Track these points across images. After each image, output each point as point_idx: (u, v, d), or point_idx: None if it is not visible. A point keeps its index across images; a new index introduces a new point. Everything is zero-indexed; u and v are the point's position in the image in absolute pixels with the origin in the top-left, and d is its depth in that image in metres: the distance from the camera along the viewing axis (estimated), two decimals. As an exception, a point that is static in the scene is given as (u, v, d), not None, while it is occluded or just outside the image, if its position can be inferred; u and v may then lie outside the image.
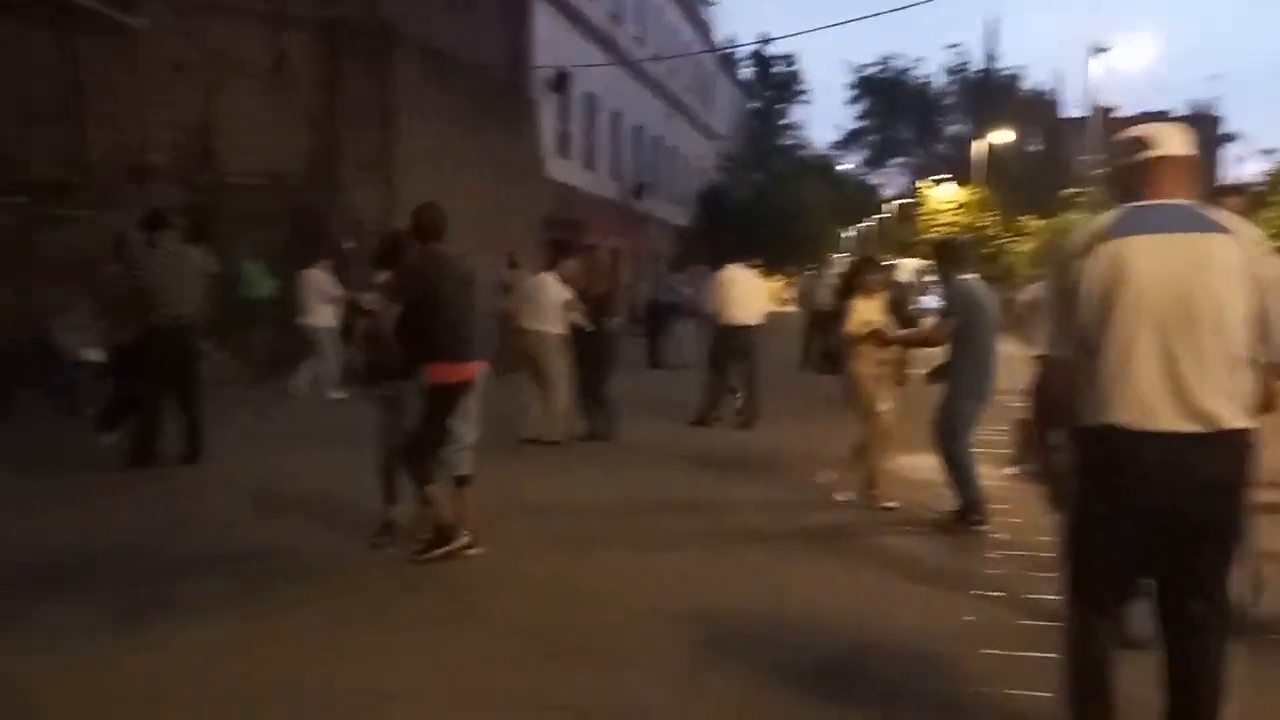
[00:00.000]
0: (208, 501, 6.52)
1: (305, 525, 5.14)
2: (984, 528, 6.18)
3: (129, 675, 3.77)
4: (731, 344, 10.38)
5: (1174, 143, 2.95)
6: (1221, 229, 2.78)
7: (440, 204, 5.44)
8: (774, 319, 11.53)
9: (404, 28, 16.06)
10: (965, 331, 6.09)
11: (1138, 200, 2.92)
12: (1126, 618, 3.19)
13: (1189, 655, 2.88)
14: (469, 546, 5.31)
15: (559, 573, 5.15)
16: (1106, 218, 2.94)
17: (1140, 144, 2.97)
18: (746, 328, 10.41)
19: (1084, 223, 3.16)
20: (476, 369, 5.41)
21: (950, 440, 6.20)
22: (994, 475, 7.94)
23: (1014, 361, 5.38)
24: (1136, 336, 2.76)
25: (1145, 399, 2.76)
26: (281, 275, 13.54)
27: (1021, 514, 6.54)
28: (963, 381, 6.16)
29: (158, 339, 7.40)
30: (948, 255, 6.58)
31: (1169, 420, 2.74)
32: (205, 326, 8.13)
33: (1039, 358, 3.97)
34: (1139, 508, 2.83)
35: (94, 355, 9.41)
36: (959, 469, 6.22)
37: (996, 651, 4.11)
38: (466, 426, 5.40)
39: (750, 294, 10.52)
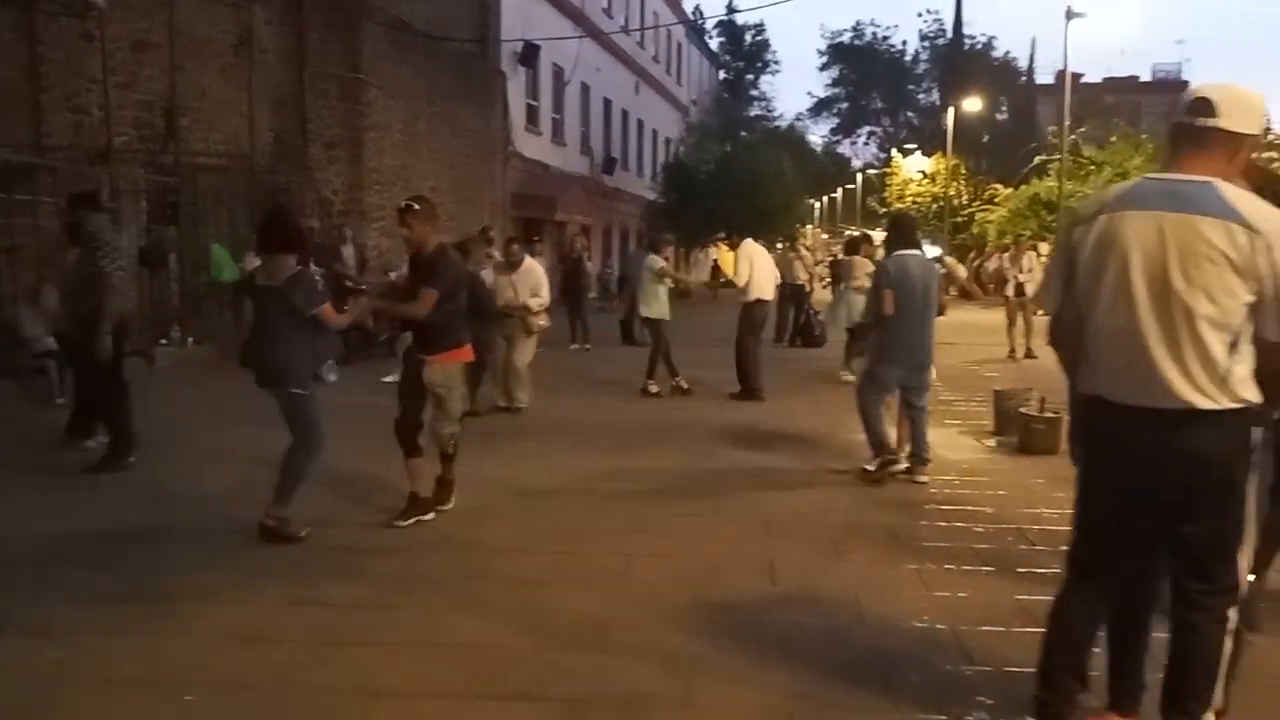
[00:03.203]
0: (199, 482, 6.46)
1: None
2: (871, 468, 6.68)
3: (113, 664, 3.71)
4: (759, 320, 10.67)
5: (1230, 114, 2.67)
6: (1235, 216, 2.57)
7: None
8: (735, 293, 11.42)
9: (371, 1, 15.80)
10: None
11: (1167, 169, 2.79)
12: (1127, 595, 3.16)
13: (1182, 634, 2.85)
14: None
15: (551, 558, 5.09)
16: (1116, 188, 2.88)
17: (1191, 107, 2.72)
18: (765, 303, 10.76)
19: (1095, 191, 3.06)
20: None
21: (862, 395, 6.81)
22: (977, 447, 8.01)
23: (986, 331, 5.38)
24: (1115, 313, 2.74)
25: (1119, 374, 2.77)
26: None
27: (1006, 486, 6.60)
28: (886, 349, 6.71)
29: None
30: (891, 232, 7.35)
31: (1142, 396, 2.72)
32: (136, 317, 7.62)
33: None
34: (1118, 480, 2.84)
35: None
36: (866, 421, 6.76)
37: (993, 628, 4.12)
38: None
39: (766, 269, 10.77)
